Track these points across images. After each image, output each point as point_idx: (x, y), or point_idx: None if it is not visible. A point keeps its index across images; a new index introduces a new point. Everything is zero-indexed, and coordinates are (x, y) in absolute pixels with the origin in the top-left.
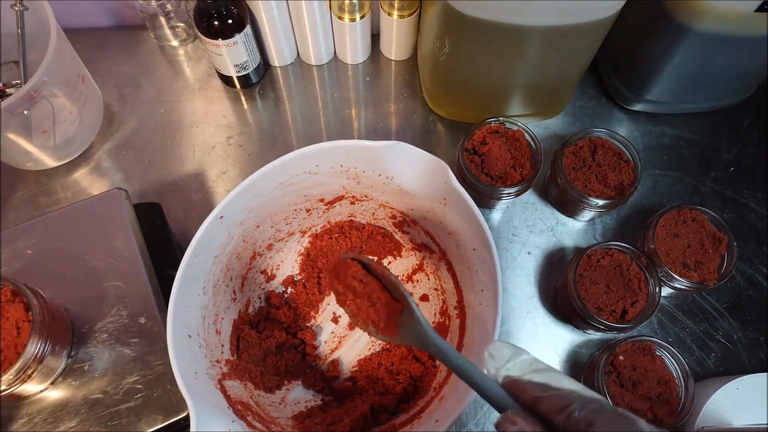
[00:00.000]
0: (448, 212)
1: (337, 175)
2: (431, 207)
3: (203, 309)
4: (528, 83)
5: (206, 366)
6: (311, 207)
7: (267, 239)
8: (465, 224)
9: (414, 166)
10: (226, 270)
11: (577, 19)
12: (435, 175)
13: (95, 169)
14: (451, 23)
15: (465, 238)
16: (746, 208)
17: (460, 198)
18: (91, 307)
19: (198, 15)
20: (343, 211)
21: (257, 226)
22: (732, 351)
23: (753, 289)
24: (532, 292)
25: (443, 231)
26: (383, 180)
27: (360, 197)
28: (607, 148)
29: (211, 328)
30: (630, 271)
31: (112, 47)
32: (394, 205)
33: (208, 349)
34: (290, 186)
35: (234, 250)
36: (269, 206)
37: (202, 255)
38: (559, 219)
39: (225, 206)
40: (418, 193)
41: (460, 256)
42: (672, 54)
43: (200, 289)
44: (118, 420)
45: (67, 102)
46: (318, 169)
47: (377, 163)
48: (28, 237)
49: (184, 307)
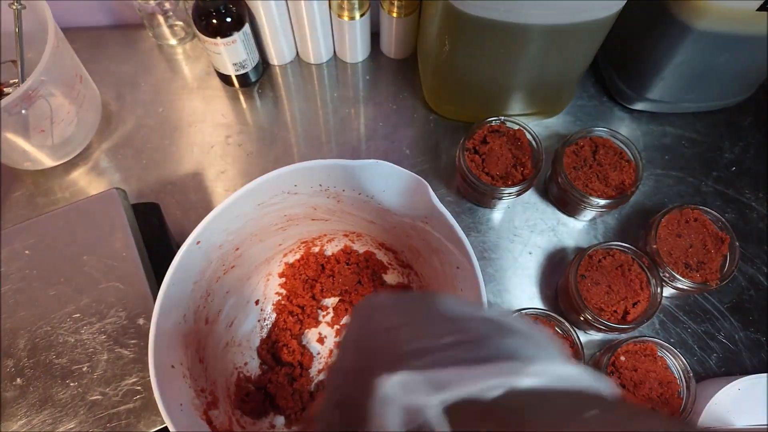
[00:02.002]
0: (430, 230)
1: (317, 195)
2: (413, 225)
3: (185, 337)
4: (529, 82)
5: (191, 396)
6: (290, 226)
7: (249, 262)
8: (447, 243)
9: (394, 185)
10: (207, 295)
11: (578, 18)
12: (416, 193)
13: (93, 169)
14: (451, 22)
15: (448, 256)
16: (748, 208)
17: (441, 217)
18: (89, 307)
19: (196, 13)
20: (324, 229)
21: (236, 249)
22: (734, 351)
23: (755, 289)
24: (534, 292)
25: (427, 248)
26: (363, 198)
27: (342, 216)
28: (608, 148)
29: (195, 357)
30: (632, 272)
31: (110, 46)
32: (377, 222)
33: (192, 378)
34: (270, 207)
35: (214, 274)
36: (250, 227)
37: (181, 282)
38: (560, 219)
39: (201, 231)
40: (400, 211)
41: (444, 274)
42: (673, 53)
43: (181, 316)
44: (117, 421)
45: (65, 101)
46: (297, 189)
47: (357, 182)
48: (26, 237)
49: (164, 337)
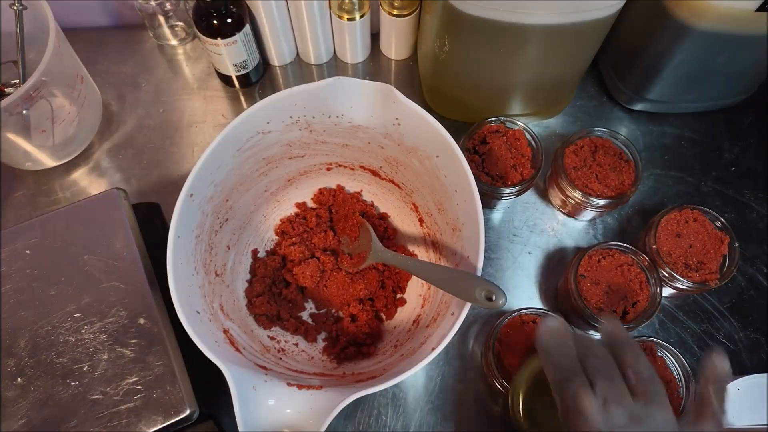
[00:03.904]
0: (404, 131)
1: (289, 129)
2: (386, 133)
3: (201, 288)
4: (528, 82)
5: (221, 337)
6: (270, 170)
7: (240, 213)
8: (422, 135)
9: (360, 98)
10: (210, 249)
11: (578, 18)
12: (384, 99)
13: (94, 169)
14: (451, 22)
15: (426, 149)
16: (747, 208)
17: (411, 112)
18: (90, 307)
19: (197, 14)
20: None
21: (226, 200)
22: (733, 351)
23: (754, 289)
24: (533, 292)
25: (404, 152)
26: (335, 121)
27: (317, 145)
28: (607, 148)
29: (217, 307)
30: (631, 272)
31: (111, 47)
32: (351, 144)
33: (216, 321)
34: (248, 151)
35: (211, 227)
36: (234, 176)
37: (184, 234)
38: (559, 219)
39: (191, 184)
40: (371, 123)
41: (426, 170)
42: (673, 53)
43: (192, 268)
44: (117, 420)
45: (66, 102)
46: (270, 126)
47: (324, 104)
48: (27, 237)
49: (184, 286)
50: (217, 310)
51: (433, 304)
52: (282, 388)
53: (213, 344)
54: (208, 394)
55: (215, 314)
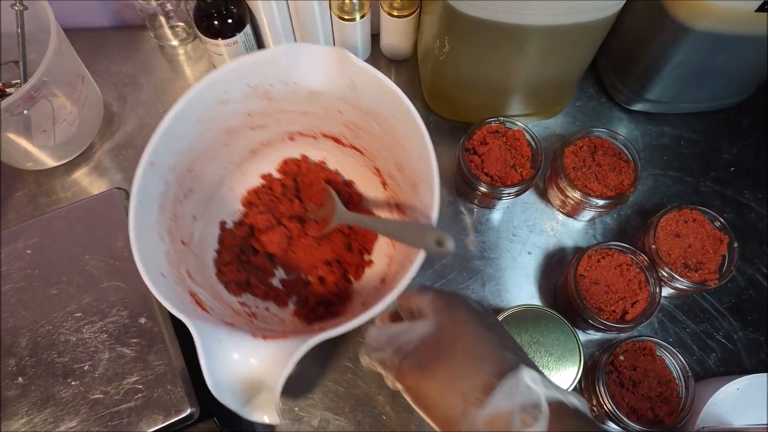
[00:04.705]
0: (360, 93)
1: (248, 98)
2: (344, 97)
3: (167, 254)
4: (528, 83)
5: (188, 298)
6: (232, 140)
7: (205, 185)
8: (377, 95)
9: (316, 63)
10: (174, 218)
11: (577, 19)
12: (338, 63)
13: (95, 169)
14: (451, 23)
15: (382, 109)
16: (746, 208)
17: (366, 73)
18: (90, 307)
19: (198, 14)
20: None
21: (189, 170)
22: (732, 351)
23: (753, 289)
24: (533, 292)
25: (362, 115)
26: (293, 88)
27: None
28: (607, 148)
29: (185, 274)
30: (630, 272)
31: (112, 47)
32: (311, 111)
33: (183, 285)
34: (208, 121)
35: (175, 197)
36: (196, 147)
37: (147, 202)
38: (559, 219)
39: (152, 152)
40: (328, 88)
41: (385, 132)
42: (672, 54)
43: (157, 235)
44: (118, 420)
45: (67, 102)
46: (228, 95)
47: (281, 71)
48: (28, 237)
49: (148, 252)
50: (183, 275)
51: (398, 262)
52: (248, 340)
53: (178, 303)
54: (209, 394)
55: (182, 278)
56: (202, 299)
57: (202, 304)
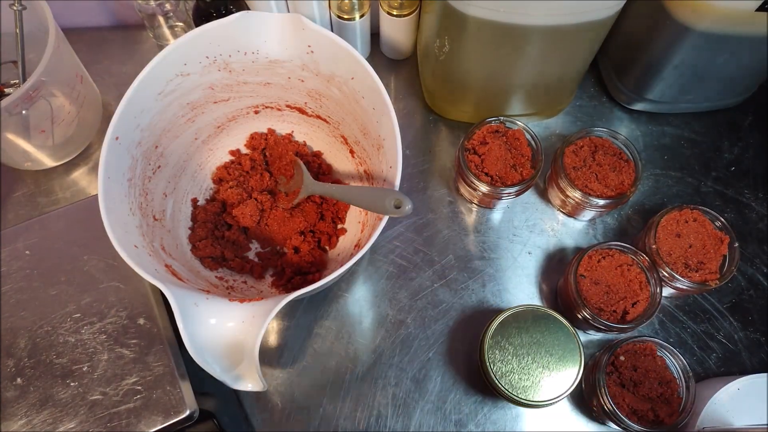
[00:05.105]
0: (318, 58)
1: (208, 71)
2: (303, 64)
3: (139, 228)
4: (528, 83)
5: (163, 269)
6: (197, 116)
7: (173, 161)
8: (336, 59)
9: (271, 31)
10: (145, 194)
11: (578, 19)
12: (293, 29)
13: (94, 169)
14: (451, 22)
15: (341, 73)
16: (747, 208)
17: (322, 37)
18: (89, 307)
19: (197, 14)
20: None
21: (156, 147)
22: (733, 351)
23: (754, 289)
24: (533, 292)
25: (323, 82)
26: (251, 58)
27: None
28: (607, 148)
29: (158, 247)
30: (631, 272)
31: (111, 47)
32: (273, 82)
33: (157, 257)
34: (170, 95)
35: (143, 173)
36: (160, 122)
37: (115, 177)
38: (559, 219)
39: (116, 126)
40: (286, 56)
41: (347, 97)
42: (672, 53)
43: (128, 209)
44: (117, 421)
45: (66, 102)
46: (188, 68)
47: (237, 41)
48: (27, 237)
49: (119, 224)
50: (158, 248)
51: (371, 226)
52: (224, 303)
53: (152, 271)
54: (208, 394)
55: (156, 252)
56: (178, 271)
57: (178, 275)
